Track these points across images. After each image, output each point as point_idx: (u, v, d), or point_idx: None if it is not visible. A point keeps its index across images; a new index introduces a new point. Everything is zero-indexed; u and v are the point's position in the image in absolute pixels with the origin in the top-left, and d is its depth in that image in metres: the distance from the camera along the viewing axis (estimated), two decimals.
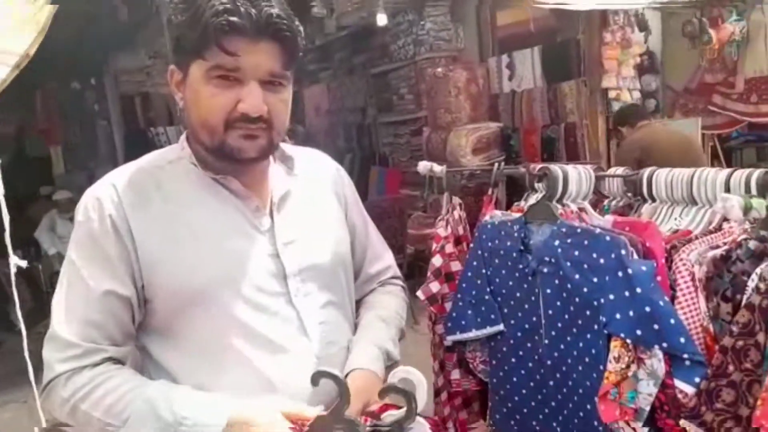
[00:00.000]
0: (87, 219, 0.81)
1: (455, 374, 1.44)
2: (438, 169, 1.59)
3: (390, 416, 0.80)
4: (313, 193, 0.95)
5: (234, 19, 0.74)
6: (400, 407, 0.80)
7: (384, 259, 1.09)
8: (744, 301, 0.90)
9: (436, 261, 1.47)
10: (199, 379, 0.81)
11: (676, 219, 1.18)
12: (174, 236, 0.81)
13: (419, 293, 1.45)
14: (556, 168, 1.22)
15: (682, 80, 4.64)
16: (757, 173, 1.09)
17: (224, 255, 0.83)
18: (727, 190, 1.09)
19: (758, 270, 0.90)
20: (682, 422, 0.92)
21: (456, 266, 1.46)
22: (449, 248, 1.48)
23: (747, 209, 0.86)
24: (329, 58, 5.85)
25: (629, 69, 4.11)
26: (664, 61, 4.44)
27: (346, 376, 0.86)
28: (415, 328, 3.06)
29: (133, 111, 5.98)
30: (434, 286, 1.46)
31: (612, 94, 4.01)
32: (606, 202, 1.36)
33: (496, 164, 1.57)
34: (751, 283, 0.90)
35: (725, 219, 1.09)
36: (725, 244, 1.01)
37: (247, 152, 0.81)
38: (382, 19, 4.39)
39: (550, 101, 4.12)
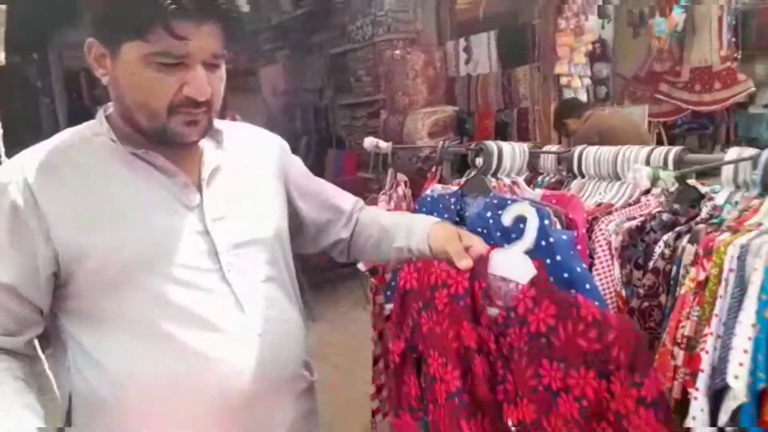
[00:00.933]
0: None
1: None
2: (383, 145, 1.63)
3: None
4: (246, 167, 0.94)
5: (183, 2, 0.72)
6: None
7: (350, 196, 1.11)
8: (650, 266, 0.98)
9: None
10: (129, 364, 0.80)
11: (601, 193, 1.25)
12: (93, 216, 0.79)
13: (360, 265, 1.49)
14: (491, 144, 1.28)
15: (631, 68, 4.80)
16: (674, 150, 1.17)
17: (148, 233, 0.80)
18: (648, 165, 1.17)
19: (665, 237, 0.98)
20: None
21: None
22: None
23: (655, 179, 0.93)
24: (286, 37, 5.76)
25: (581, 56, 4.22)
26: (615, 49, 4.57)
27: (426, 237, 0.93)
28: (367, 309, 3.14)
29: (78, 88, 5.72)
30: None
31: (563, 80, 4.12)
32: (540, 178, 1.43)
33: (441, 142, 1.62)
34: (658, 250, 0.97)
35: (644, 193, 1.17)
36: (641, 216, 1.09)
37: (190, 137, 0.81)
38: None
39: (505, 86, 4.20)
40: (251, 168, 0.95)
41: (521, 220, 0.86)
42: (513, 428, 0.80)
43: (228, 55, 0.82)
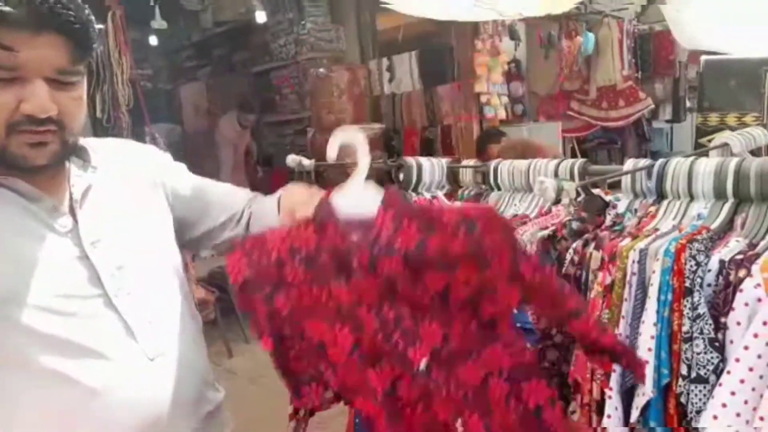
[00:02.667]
0: None
1: None
2: (306, 163, 1.62)
3: None
4: (120, 184, 0.88)
5: (6, 8, 0.65)
6: None
7: (244, 193, 1.06)
8: (562, 272, 1.03)
9: None
10: (12, 396, 0.74)
11: (516, 205, 1.30)
12: None
13: None
14: (411, 159, 1.31)
15: (544, 87, 5.09)
16: (579, 162, 1.24)
17: (13, 264, 0.74)
18: (556, 176, 1.24)
19: (574, 245, 1.03)
20: None
21: None
22: None
23: (559, 190, 0.98)
24: (207, 55, 5.65)
25: (498, 75, 4.42)
26: (528, 68, 4.83)
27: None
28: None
29: None
30: None
31: (483, 98, 4.30)
32: (460, 191, 1.47)
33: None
34: (568, 257, 1.03)
35: (555, 203, 1.24)
36: (553, 225, 1.14)
37: (35, 160, 0.73)
38: (261, 17, 4.33)
39: (428, 104, 4.33)
40: (125, 184, 0.89)
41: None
42: (424, 368, 0.75)
43: (84, 72, 0.76)
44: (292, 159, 1.62)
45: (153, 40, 5.51)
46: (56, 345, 0.75)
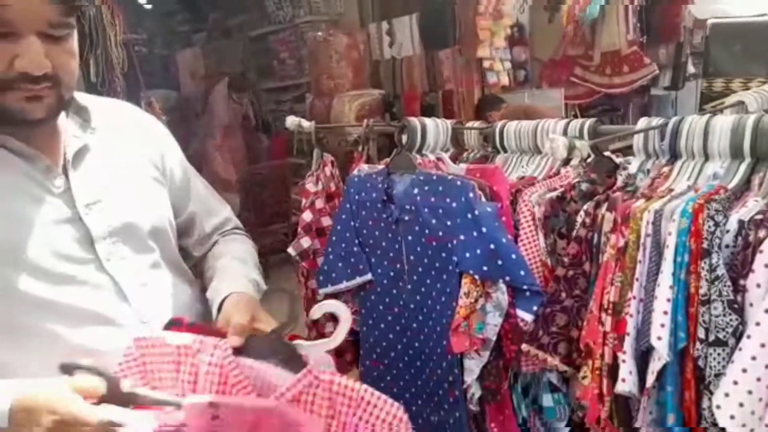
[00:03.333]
0: None
1: (328, 327, 1.46)
2: (306, 124, 1.57)
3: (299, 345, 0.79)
4: (118, 146, 0.86)
5: None
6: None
7: (221, 213, 1.04)
8: (573, 235, 0.99)
9: (306, 216, 1.47)
10: (7, 361, 0.72)
11: (523, 167, 1.26)
12: None
13: (290, 249, 1.44)
14: (414, 120, 1.26)
15: (547, 52, 4.97)
16: (589, 122, 1.19)
17: (5, 223, 0.72)
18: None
19: (585, 207, 0.99)
20: (524, 346, 1.00)
21: (327, 221, 1.46)
22: (320, 203, 1.48)
23: (571, 148, 0.94)
24: (202, 19, 5.50)
25: (501, 40, 4.31)
26: (532, 33, 4.71)
27: (223, 301, 0.81)
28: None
29: None
30: (305, 242, 1.46)
31: (486, 63, 4.20)
32: (465, 154, 1.43)
33: (365, 121, 1.59)
34: (579, 219, 0.99)
35: (564, 164, 1.20)
36: (562, 186, 1.11)
37: (32, 113, 0.71)
38: None
39: (429, 69, 4.23)
40: (125, 147, 0.87)
41: (458, 193, 0.82)
42: None
43: (74, 25, 0.74)
44: (291, 121, 1.57)
45: (146, 4, 5.37)
46: (52, 307, 0.74)
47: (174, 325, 0.79)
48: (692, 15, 4.80)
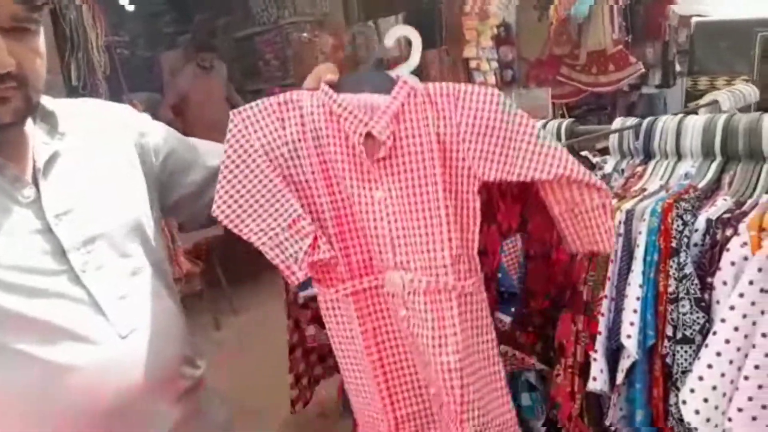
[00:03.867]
0: None
1: (310, 330, 1.45)
2: None
3: None
4: (90, 149, 0.83)
5: None
6: None
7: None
8: None
9: None
10: None
11: None
12: None
13: None
14: None
15: (534, 52, 5.00)
16: (566, 122, 1.21)
17: None
18: None
19: None
20: (502, 347, 1.01)
21: None
22: None
23: None
24: (186, 20, 5.47)
25: (487, 40, 4.33)
26: (518, 33, 4.73)
27: None
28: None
29: None
30: None
31: (473, 63, 4.22)
32: None
33: None
34: None
35: None
36: None
37: None
38: None
39: (415, 69, 4.23)
40: (97, 150, 0.84)
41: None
42: None
43: (40, 21, 0.71)
44: None
45: (129, 6, 5.33)
46: (21, 323, 0.71)
47: None
48: (677, 14, 4.85)
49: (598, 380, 0.84)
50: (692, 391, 0.71)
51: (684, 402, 0.71)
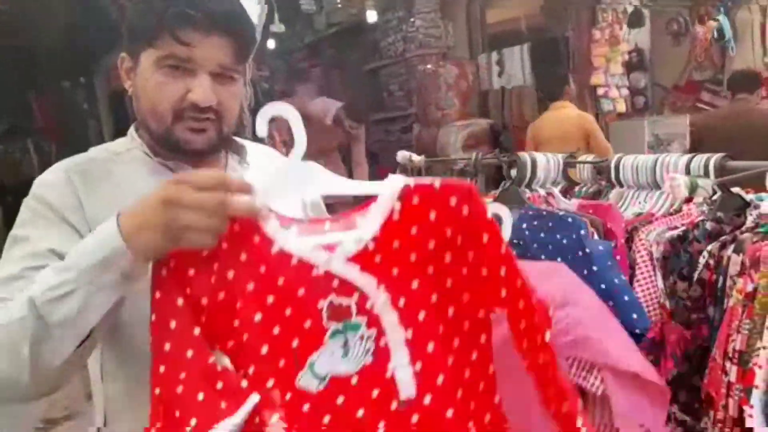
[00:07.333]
0: (38, 197, 0.79)
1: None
2: (417, 159, 1.63)
3: None
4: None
5: (189, 11, 0.76)
6: None
7: None
8: (695, 277, 0.94)
9: None
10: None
11: (640, 203, 1.22)
12: None
13: None
14: (525, 155, 1.27)
15: (670, 77, 4.69)
16: (714, 158, 1.13)
17: None
18: (688, 173, 1.13)
19: (709, 247, 0.94)
20: None
21: None
22: None
23: (693, 188, 0.90)
24: (319, 55, 5.87)
25: (618, 66, 4.15)
26: (652, 58, 4.48)
27: None
28: None
29: (123, 109, 5.97)
30: None
31: (600, 91, 4.06)
32: (577, 188, 1.40)
33: (474, 154, 1.62)
34: (702, 260, 0.94)
35: (686, 202, 1.14)
36: (683, 225, 1.05)
37: (194, 144, 0.82)
38: (371, 16, 4.42)
39: (540, 99, 4.17)
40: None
41: (569, 230, 0.84)
42: None
43: (243, 72, 0.84)
44: (402, 155, 1.64)
45: (270, 43, 5.83)
46: None
47: None
48: None
49: None
50: None
51: None
